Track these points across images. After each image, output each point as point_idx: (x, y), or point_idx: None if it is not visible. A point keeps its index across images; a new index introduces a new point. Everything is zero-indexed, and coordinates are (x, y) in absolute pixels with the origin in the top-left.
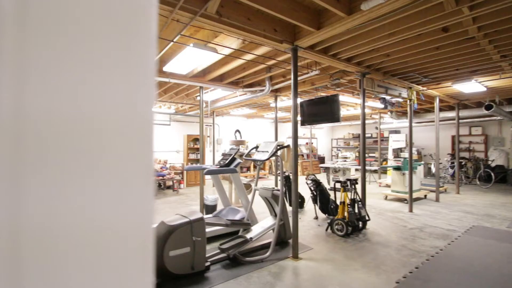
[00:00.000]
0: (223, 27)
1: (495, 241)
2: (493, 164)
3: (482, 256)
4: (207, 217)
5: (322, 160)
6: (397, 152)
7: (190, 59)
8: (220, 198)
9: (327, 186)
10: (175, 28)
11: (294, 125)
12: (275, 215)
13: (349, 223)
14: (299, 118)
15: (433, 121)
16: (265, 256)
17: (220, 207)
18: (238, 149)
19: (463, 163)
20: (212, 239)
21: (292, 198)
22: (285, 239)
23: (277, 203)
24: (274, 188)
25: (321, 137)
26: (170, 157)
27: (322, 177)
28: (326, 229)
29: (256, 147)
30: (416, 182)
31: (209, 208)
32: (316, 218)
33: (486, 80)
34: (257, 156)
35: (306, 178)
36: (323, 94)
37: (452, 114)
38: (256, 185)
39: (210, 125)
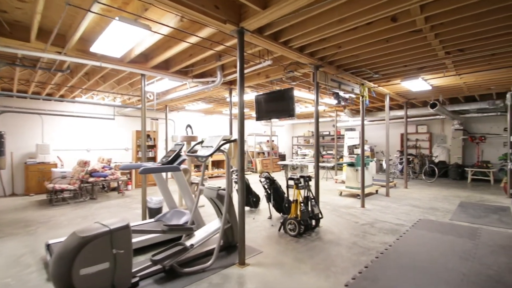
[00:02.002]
0: None
1: (440, 234)
2: (436, 160)
3: (428, 250)
4: (144, 222)
5: (283, 157)
6: (352, 149)
7: (120, 38)
8: (165, 199)
9: (284, 184)
10: None
11: (240, 118)
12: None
13: (302, 222)
14: (253, 114)
15: (384, 120)
16: (207, 265)
17: (166, 209)
18: (183, 145)
19: (410, 159)
20: (149, 248)
21: (238, 197)
22: (234, 243)
23: (224, 204)
24: (219, 187)
25: (282, 134)
26: (116, 155)
27: (281, 175)
28: (279, 229)
29: (201, 142)
30: (368, 178)
31: (153, 211)
32: (270, 217)
33: (431, 78)
34: (200, 152)
35: (259, 176)
36: (279, 88)
37: (401, 113)
38: (201, 184)
39: (168, 120)
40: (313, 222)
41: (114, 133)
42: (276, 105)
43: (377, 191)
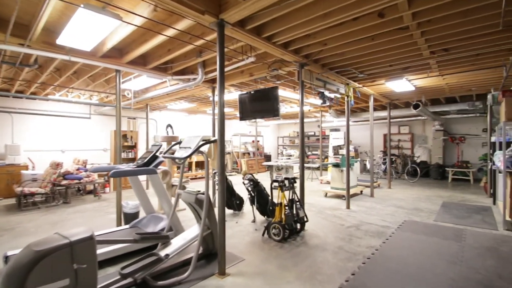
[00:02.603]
0: None
1: (425, 236)
2: (418, 160)
3: (415, 253)
4: (117, 229)
5: (268, 158)
6: (336, 149)
7: (88, 28)
8: (141, 204)
9: (269, 185)
10: None
11: (220, 118)
12: None
13: (287, 227)
14: (238, 113)
15: (368, 120)
16: (184, 277)
17: (143, 214)
18: (161, 146)
19: (393, 160)
20: (122, 258)
21: (218, 202)
22: (214, 251)
23: (203, 209)
24: (198, 191)
25: (268, 135)
26: (94, 156)
27: (266, 175)
28: (263, 234)
29: (179, 143)
30: (353, 178)
31: (129, 217)
32: (254, 221)
33: (415, 78)
34: (178, 153)
35: (243, 178)
36: (264, 87)
37: (384, 113)
38: (180, 187)
39: (150, 120)
40: (298, 225)
41: (90, 133)
42: (260, 105)
43: (361, 191)
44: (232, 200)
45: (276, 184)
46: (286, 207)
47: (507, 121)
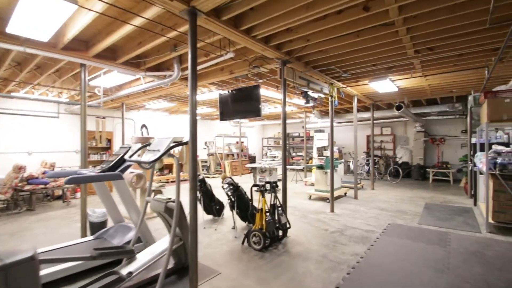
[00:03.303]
0: None
1: (410, 241)
2: (400, 161)
3: (400, 260)
4: (80, 241)
5: (253, 159)
6: (321, 150)
7: (41, 14)
8: (108, 212)
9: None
10: None
11: (192, 117)
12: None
13: (267, 234)
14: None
15: (352, 121)
16: None
17: (111, 224)
18: (129, 148)
19: (376, 161)
20: (81, 275)
21: (190, 211)
22: (187, 264)
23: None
24: (168, 199)
25: (252, 135)
26: (64, 158)
27: (250, 178)
28: (242, 242)
29: (148, 145)
30: (337, 180)
31: (96, 226)
32: (234, 227)
33: (399, 79)
34: (145, 156)
35: (222, 182)
36: (245, 86)
37: (367, 115)
38: (148, 194)
39: (128, 120)
40: (280, 232)
41: (59, 133)
42: (241, 104)
43: (345, 193)
44: (211, 206)
45: (256, 188)
46: (267, 213)
47: (490, 123)
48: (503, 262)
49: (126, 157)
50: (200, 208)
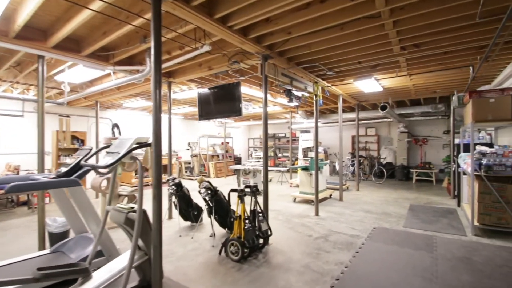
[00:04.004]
0: None
1: (396, 247)
2: (384, 162)
3: (387, 268)
4: (36, 255)
5: (239, 160)
6: (306, 151)
7: None
8: (68, 222)
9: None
10: None
11: (155, 114)
12: (138, 248)
13: (246, 244)
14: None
15: (337, 122)
16: None
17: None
18: (90, 149)
19: (360, 161)
20: None
21: (152, 221)
22: None
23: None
24: (130, 208)
25: (238, 136)
26: (33, 161)
27: (234, 180)
28: (220, 252)
29: (107, 147)
30: (322, 181)
31: (55, 237)
32: (213, 235)
33: (384, 78)
34: (103, 160)
35: (199, 186)
36: (224, 83)
37: (352, 115)
38: (108, 203)
39: (104, 119)
40: (261, 240)
41: (25, 133)
42: (221, 102)
43: (331, 195)
44: (189, 211)
45: (235, 193)
46: (247, 221)
47: (475, 123)
48: (491, 268)
49: (96, 160)
50: (176, 214)
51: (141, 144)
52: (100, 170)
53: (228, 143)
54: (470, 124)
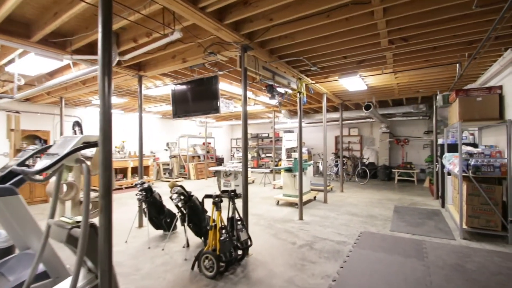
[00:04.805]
0: None
1: (385, 254)
2: (367, 162)
3: (378, 281)
4: None
5: (221, 161)
6: (290, 151)
7: None
8: (10, 236)
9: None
10: None
11: (103, 105)
12: (88, 269)
13: (222, 257)
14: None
15: (321, 122)
16: None
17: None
18: (36, 150)
19: (344, 162)
20: None
21: (100, 242)
22: None
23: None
24: (76, 222)
25: (220, 136)
26: None
27: (214, 182)
28: (192, 267)
29: (47, 147)
30: (306, 183)
31: None
32: (187, 246)
33: (369, 75)
34: (40, 163)
35: (170, 192)
36: (200, 77)
37: (335, 115)
38: (51, 216)
39: (73, 117)
40: (240, 251)
41: None
42: (197, 99)
43: (315, 197)
44: (160, 219)
45: (210, 199)
46: (223, 230)
47: (463, 122)
48: (486, 277)
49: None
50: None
51: (88, 144)
52: (33, 176)
53: (209, 143)
54: (457, 124)
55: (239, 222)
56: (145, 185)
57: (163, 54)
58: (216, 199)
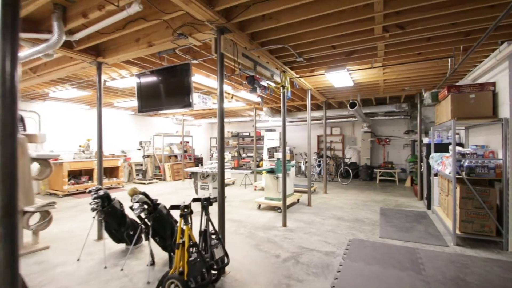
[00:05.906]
0: None
1: (380, 267)
2: (349, 162)
3: None
4: None
5: (200, 161)
6: (272, 151)
7: None
8: None
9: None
10: None
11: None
12: None
13: (191, 283)
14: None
15: (303, 120)
16: None
17: None
18: None
19: (327, 161)
20: None
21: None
22: None
23: None
24: None
25: (199, 135)
26: None
27: (190, 184)
28: None
29: None
30: (289, 185)
31: None
32: (152, 263)
33: (357, 70)
34: None
35: (131, 200)
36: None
37: (319, 113)
38: None
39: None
40: (214, 272)
41: None
42: (167, 91)
43: (298, 200)
44: (121, 231)
45: (177, 210)
46: (193, 248)
47: (456, 120)
48: None
49: None
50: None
51: None
52: None
53: (187, 142)
54: (450, 122)
55: (213, 236)
56: (101, 192)
57: (124, 35)
58: (185, 210)
